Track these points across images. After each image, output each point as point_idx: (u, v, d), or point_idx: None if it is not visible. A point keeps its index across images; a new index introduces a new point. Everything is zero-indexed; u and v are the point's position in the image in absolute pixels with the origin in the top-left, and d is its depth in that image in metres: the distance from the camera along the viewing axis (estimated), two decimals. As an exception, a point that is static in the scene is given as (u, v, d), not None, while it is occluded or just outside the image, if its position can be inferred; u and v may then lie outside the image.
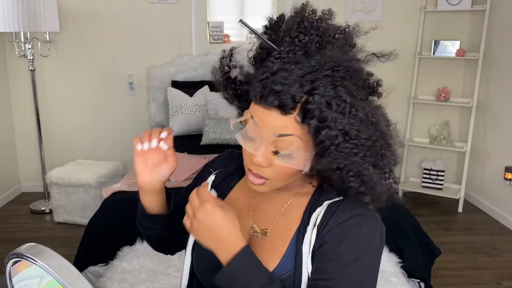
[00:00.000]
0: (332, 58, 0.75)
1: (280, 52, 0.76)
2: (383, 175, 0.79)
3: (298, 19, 0.79)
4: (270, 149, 0.77)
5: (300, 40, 0.77)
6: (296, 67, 0.73)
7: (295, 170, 0.78)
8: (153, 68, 3.72)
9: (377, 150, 0.76)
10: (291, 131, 0.74)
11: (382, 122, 0.78)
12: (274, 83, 0.72)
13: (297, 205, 0.88)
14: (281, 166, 0.77)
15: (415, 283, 2.22)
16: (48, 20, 3.17)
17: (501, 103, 3.46)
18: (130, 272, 1.88)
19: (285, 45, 0.77)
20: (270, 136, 0.75)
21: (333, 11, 0.83)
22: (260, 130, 0.76)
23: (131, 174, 2.63)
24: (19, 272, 0.64)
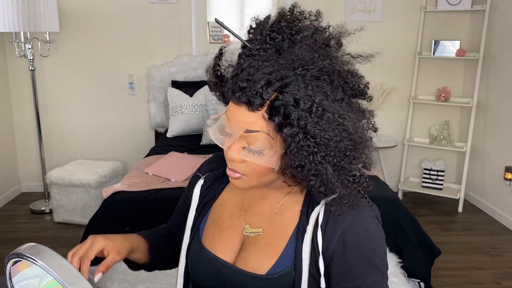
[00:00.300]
0: (302, 57, 0.75)
1: (251, 50, 0.77)
2: (348, 178, 0.78)
3: (276, 19, 0.80)
4: (241, 145, 0.78)
5: (272, 38, 0.76)
6: (264, 64, 0.74)
7: (268, 168, 0.79)
8: (153, 68, 3.72)
9: (341, 151, 0.75)
10: (258, 128, 0.75)
11: (355, 124, 0.78)
12: (241, 80, 0.74)
13: (291, 204, 0.88)
14: (254, 163, 0.78)
15: (415, 283, 2.23)
16: (48, 20, 3.17)
17: (501, 103, 3.46)
18: (130, 272, 1.88)
19: (256, 43, 0.77)
20: (239, 131, 0.77)
21: (321, 13, 0.83)
22: (231, 125, 0.78)
23: (131, 174, 2.63)
24: (19, 272, 0.64)
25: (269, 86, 0.72)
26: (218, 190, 0.98)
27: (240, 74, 0.75)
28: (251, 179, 0.82)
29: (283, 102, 0.71)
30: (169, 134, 3.52)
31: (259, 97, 0.73)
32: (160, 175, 2.57)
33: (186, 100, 3.49)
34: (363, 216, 0.82)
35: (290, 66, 0.73)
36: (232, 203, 0.95)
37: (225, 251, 0.90)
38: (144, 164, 2.78)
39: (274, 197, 0.90)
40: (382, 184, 2.48)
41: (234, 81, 0.75)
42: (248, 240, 0.89)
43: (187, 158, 2.78)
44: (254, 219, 0.91)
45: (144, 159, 2.96)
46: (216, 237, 0.93)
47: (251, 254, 0.87)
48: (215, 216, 0.95)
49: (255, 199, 0.93)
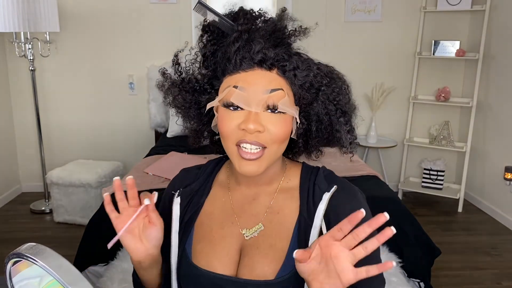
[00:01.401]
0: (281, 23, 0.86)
1: (241, 24, 0.83)
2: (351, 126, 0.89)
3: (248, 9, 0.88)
4: (262, 111, 0.79)
5: (252, 14, 0.85)
6: (260, 29, 0.82)
7: (288, 130, 0.81)
8: (153, 68, 3.72)
9: (347, 89, 0.88)
10: (278, 85, 0.79)
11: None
12: (253, 41, 0.80)
13: (286, 201, 0.87)
14: (276, 128, 0.79)
15: (415, 283, 2.23)
16: (48, 20, 3.17)
17: (501, 103, 3.46)
18: (130, 272, 1.88)
19: (241, 20, 0.84)
20: (263, 93, 0.78)
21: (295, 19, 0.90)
22: (249, 92, 0.78)
23: (131, 174, 2.63)
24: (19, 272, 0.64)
25: (276, 45, 0.82)
26: (198, 205, 0.92)
27: (246, 39, 0.80)
28: (270, 151, 0.80)
29: (293, 59, 0.81)
30: (169, 134, 3.52)
31: (273, 53, 0.79)
32: (160, 175, 2.57)
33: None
34: (360, 204, 0.86)
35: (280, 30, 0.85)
36: (220, 213, 0.91)
37: (223, 265, 0.85)
38: (144, 164, 2.78)
39: (265, 196, 0.89)
40: (382, 184, 2.48)
41: (242, 49, 0.80)
42: (248, 246, 0.85)
43: (187, 158, 2.78)
44: (251, 221, 0.88)
45: (144, 159, 2.96)
46: (210, 252, 0.87)
47: (255, 259, 0.83)
48: (204, 231, 0.90)
49: (247, 201, 0.90)
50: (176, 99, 0.91)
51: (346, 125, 0.86)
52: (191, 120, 0.93)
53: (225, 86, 0.81)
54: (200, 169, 0.99)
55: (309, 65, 0.83)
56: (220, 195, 0.93)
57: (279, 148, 0.82)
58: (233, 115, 0.79)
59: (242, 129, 0.78)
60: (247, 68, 0.80)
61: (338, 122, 0.85)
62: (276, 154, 0.82)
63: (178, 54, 0.93)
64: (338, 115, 0.85)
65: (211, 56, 0.86)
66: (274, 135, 0.79)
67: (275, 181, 0.89)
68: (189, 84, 0.89)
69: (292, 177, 0.90)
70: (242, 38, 0.81)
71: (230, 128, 0.79)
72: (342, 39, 3.80)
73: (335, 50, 3.73)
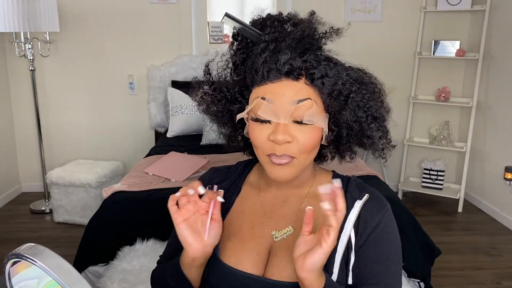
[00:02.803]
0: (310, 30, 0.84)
1: (268, 33, 0.82)
2: (384, 128, 0.87)
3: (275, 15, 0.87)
4: (291, 121, 0.79)
5: (281, 22, 0.84)
6: (287, 38, 0.81)
7: (318, 139, 0.82)
8: (153, 68, 3.72)
9: (378, 94, 0.86)
10: (306, 95, 0.79)
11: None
12: (279, 52, 0.79)
13: (316, 206, 0.85)
14: (305, 138, 0.79)
15: (415, 283, 2.22)
16: (48, 20, 3.17)
17: (501, 103, 3.46)
18: (130, 272, 1.88)
19: (268, 30, 0.83)
20: (290, 104, 0.78)
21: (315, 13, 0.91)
22: (276, 104, 0.79)
23: (131, 174, 2.63)
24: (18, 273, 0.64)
25: (302, 54, 0.81)
26: (229, 203, 0.94)
27: (273, 50, 0.80)
28: (299, 161, 0.81)
29: (322, 66, 0.80)
30: (169, 134, 3.52)
31: (300, 63, 0.79)
32: (160, 175, 2.57)
33: (186, 100, 3.49)
34: (389, 216, 0.86)
35: (309, 36, 0.83)
36: (250, 212, 0.92)
37: (252, 264, 0.86)
38: (144, 164, 2.78)
39: (297, 199, 0.90)
40: (382, 184, 2.48)
41: (269, 60, 0.79)
42: (278, 247, 0.86)
43: (187, 158, 2.78)
44: (281, 223, 0.88)
45: (144, 159, 2.96)
46: (240, 250, 0.87)
47: (284, 261, 0.84)
48: (233, 229, 0.91)
49: (277, 203, 0.91)
50: (209, 108, 0.93)
51: (378, 131, 0.85)
52: (225, 126, 0.96)
53: (254, 96, 0.82)
54: (230, 169, 1.00)
55: (338, 72, 0.81)
56: (250, 196, 0.94)
57: (308, 157, 0.83)
58: (262, 127, 0.80)
59: (271, 140, 0.79)
60: (274, 79, 0.79)
61: (369, 129, 0.84)
62: (306, 162, 0.83)
63: (209, 64, 0.94)
64: (369, 121, 0.84)
65: (241, 64, 0.86)
66: (303, 145, 0.80)
67: (306, 185, 0.90)
68: (221, 94, 0.90)
69: (324, 182, 0.90)
70: (268, 49, 0.80)
71: (261, 140, 0.81)
72: (342, 39, 3.78)
73: (335, 50, 3.72)
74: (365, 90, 0.83)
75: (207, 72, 0.93)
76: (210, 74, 0.93)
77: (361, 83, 0.83)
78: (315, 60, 0.80)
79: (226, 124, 0.95)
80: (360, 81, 0.83)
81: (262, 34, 0.83)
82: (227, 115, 0.92)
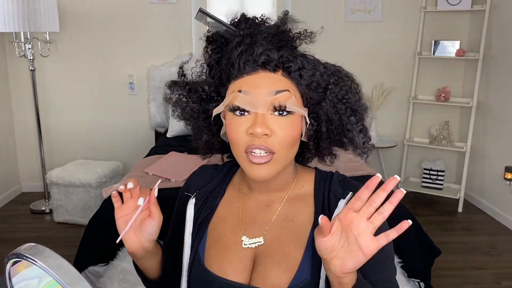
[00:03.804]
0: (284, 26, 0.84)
1: (243, 29, 0.82)
2: (361, 127, 0.86)
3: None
4: (269, 113, 0.77)
5: (253, 20, 0.84)
6: (262, 32, 0.81)
7: (297, 134, 0.80)
8: (153, 68, 3.72)
9: (357, 87, 0.85)
10: (284, 87, 0.78)
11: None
12: (255, 44, 0.79)
13: (298, 208, 0.86)
14: (284, 131, 0.77)
15: (415, 283, 2.22)
16: (48, 20, 3.17)
17: (501, 103, 3.46)
18: (130, 272, 1.88)
19: (243, 25, 0.83)
20: (268, 95, 0.77)
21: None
22: (253, 96, 0.77)
23: (131, 174, 2.63)
24: (19, 272, 0.64)
25: (279, 47, 0.80)
26: (212, 207, 0.91)
27: (248, 44, 0.79)
28: (279, 156, 0.78)
29: (299, 59, 0.80)
30: (169, 134, 3.52)
31: (277, 54, 0.78)
32: (160, 175, 2.57)
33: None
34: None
35: (284, 32, 0.83)
36: (233, 218, 0.89)
37: (236, 272, 0.83)
38: (144, 164, 2.78)
39: (279, 202, 0.87)
40: (382, 184, 2.48)
41: (245, 53, 0.79)
42: (262, 254, 0.83)
43: (187, 158, 2.78)
44: (262, 229, 0.86)
45: (144, 159, 2.96)
46: (223, 258, 0.85)
47: (269, 268, 0.82)
48: (216, 235, 0.88)
49: (260, 208, 0.88)
50: (184, 111, 0.91)
51: (358, 124, 0.84)
52: (201, 131, 0.93)
53: (231, 91, 0.81)
54: (217, 169, 0.98)
55: (315, 64, 0.81)
56: (234, 199, 0.91)
57: (288, 153, 0.80)
58: (240, 120, 0.78)
59: (250, 133, 0.76)
60: (251, 71, 0.79)
61: (349, 121, 0.83)
62: (286, 159, 0.80)
63: (184, 66, 0.94)
64: (348, 114, 0.83)
65: (216, 64, 0.85)
66: (282, 139, 0.77)
67: (288, 187, 0.88)
68: (196, 94, 0.89)
69: (306, 183, 0.88)
70: (244, 42, 0.80)
71: (239, 134, 0.78)
72: (342, 39, 3.80)
73: (335, 50, 3.73)
74: (342, 83, 0.83)
75: (182, 73, 0.92)
76: (185, 76, 0.92)
77: (339, 76, 0.83)
78: (291, 55, 0.80)
79: (203, 130, 0.92)
80: (337, 75, 0.83)
81: (237, 30, 0.82)
82: (203, 117, 0.90)
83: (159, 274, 0.94)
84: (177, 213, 0.98)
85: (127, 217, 0.82)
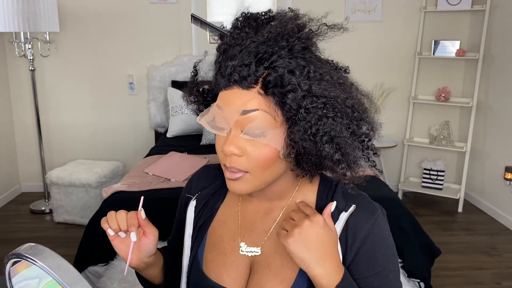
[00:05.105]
0: (284, 29, 0.74)
1: (232, 34, 0.77)
2: (359, 143, 0.75)
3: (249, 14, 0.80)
4: (238, 133, 0.73)
5: (248, 19, 0.78)
6: (249, 41, 0.73)
7: (272, 155, 0.73)
8: (153, 68, 3.72)
9: (348, 112, 0.73)
10: (256, 106, 0.71)
11: (353, 87, 0.77)
12: (230, 59, 0.73)
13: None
14: (256, 153, 0.72)
15: (415, 283, 2.22)
16: (48, 20, 3.17)
17: (501, 103, 3.46)
18: (129, 272, 1.88)
19: (232, 31, 0.78)
20: (235, 114, 0.72)
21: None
22: (224, 112, 0.74)
23: (131, 174, 2.63)
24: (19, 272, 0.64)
25: (259, 61, 0.71)
26: (213, 210, 0.90)
27: (226, 57, 0.74)
28: (254, 176, 0.75)
29: (278, 73, 0.70)
30: (169, 134, 3.52)
31: (251, 71, 0.71)
32: (160, 175, 2.57)
33: (186, 100, 3.49)
34: (380, 223, 0.80)
35: (273, 41, 0.72)
36: (232, 223, 0.87)
37: (232, 279, 0.83)
38: (144, 164, 2.78)
39: (279, 211, 0.84)
40: (382, 184, 2.48)
41: (221, 65, 0.75)
42: (259, 263, 0.82)
43: (187, 158, 2.78)
44: (261, 237, 0.84)
45: (144, 159, 2.96)
46: (220, 264, 0.84)
47: (265, 279, 0.80)
48: (215, 240, 0.87)
49: (259, 215, 0.86)
50: (198, 108, 0.91)
51: (336, 153, 0.72)
52: None
53: (215, 103, 0.78)
54: (220, 170, 0.94)
55: (296, 82, 0.70)
56: (234, 203, 0.89)
57: (265, 173, 0.75)
58: (219, 136, 0.76)
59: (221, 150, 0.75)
60: (226, 86, 0.74)
61: (323, 149, 0.72)
62: (263, 178, 0.76)
63: (197, 65, 0.92)
64: (324, 141, 0.72)
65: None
66: (253, 160, 0.73)
67: (288, 196, 0.84)
68: (202, 95, 0.88)
69: (308, 192, 0.84)
70: (226, 53, 0.75)
71: (217, 149, 0.77)
72: (342, 39, 3.79)
73: (334, 50, 3.73)
74: (322, 104, 0.71)
75: (195, 73, 0.91)
76: (197, 74, 0.91)
77: (323, 96, 0.71)
78: (277, 66, 0.70)
79: None
80: (324, 95, 0.71)
81: (226, 35, 0.79)
82: None
83: (162, 280, 0.95)
84: (178, 213, 0.98)
85: (122, 239, 0.83)
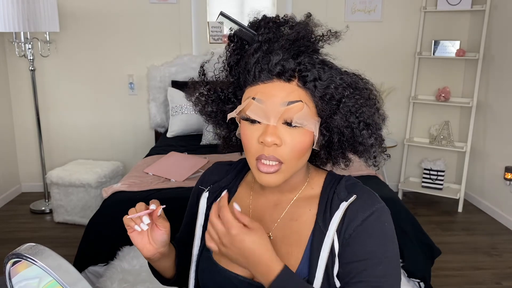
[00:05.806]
0: (306, 31, 0.83)
1: (262, 34, 0.82)
2: (379, 134, 0.85)
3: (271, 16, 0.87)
4: (280, 123, 0.78)
5: (276, 23, 0.84)
6: (280, 39, 0.81)
7: (308, 143, 0.80)
8: (153, 68, 3.72)
9: (374, 102, 0.84)
10: (297, 97, 0.78)
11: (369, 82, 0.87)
12: (272, 53, 0.79)
13: (304, 208, 0.87)
14: (295, 142, 0.78)
15: (415, 283, 2.23)
16: (48, 20, 3.17)
17: (501, 103, 3.46)
18: (130, 272, 1.88)
19: (262, 30, 0.83)
20: (280, 106, 0.77)
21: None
22: (266, 105, 0.78)
23: (131, 174, 2.63)
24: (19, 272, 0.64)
25: (295, 56, 0.79)
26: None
27: (266, 51, 0.80)
28: (288, 166, 0.79)
29: (316, 68, 0.79)
30: (169, 134, 3.52)
31: (294, 64, 0.78)
32: (160, 175, 2.57)
33: (186, 100, 3.47)
34: (378, 215, 0.82)
35: (302, 39, 0.81)
36: (244, 214, 0.91)
37: None
38: (144, 164, 2.78)
39: (288, 202, 0.88)
40: (382, 184, 2.48)
41: (262, 60, 0.79)
42: None
43: (187, 158, 2.78)
44: (271, 228, 0.87)
45: (144, 159, 2.96)
46: None
47: None
48: None
49: (269, 207, 0.90)
50: (204, 108, 0.93)
51: (370, 138, 0.83)
52: (219, 127, 0.96)
53: (246, 97, 0.82)
54: (231, 166, 1.00)
55: (332, 75, 0.80)
56: (245, 196, 0.94)
57: (298, 162, 0.81)
58: (253, 128, 0.80)
59: (261, 142, 0.78)
60: (266, 80, 0.79)
61: (361, 135, 0.82)
62: (295, 168, 0.81)
63: (204, 65, 0.95)
64: (361, 128, 0.82)
65: (235, 65, 0.86)
66: (292, 149, 0.78)
67: (298, 189, 0.89)
68: (215, 94, 0.90)
69: (315, 185, 0.89)
70: (261, 49, 0.80)
71: (251, 142, 0.80)
72: (342, 39, 3.79)
73: (334, 50, 3.73)
74: (358, 95, 0.81)
75: (202, 72, 0.94)
76: (205, 75, 0.94)
77: (355, 88, 0.81)
78: (309, 62, 0.79)
79: (221, 125, 0.95)
80: (354, 86, 0.81)
81: (256, 35, 0.82)
82: (221, 115, 0.92)
83: (174, 272, 0.99)
84: (189, 207, 1.02)
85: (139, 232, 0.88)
